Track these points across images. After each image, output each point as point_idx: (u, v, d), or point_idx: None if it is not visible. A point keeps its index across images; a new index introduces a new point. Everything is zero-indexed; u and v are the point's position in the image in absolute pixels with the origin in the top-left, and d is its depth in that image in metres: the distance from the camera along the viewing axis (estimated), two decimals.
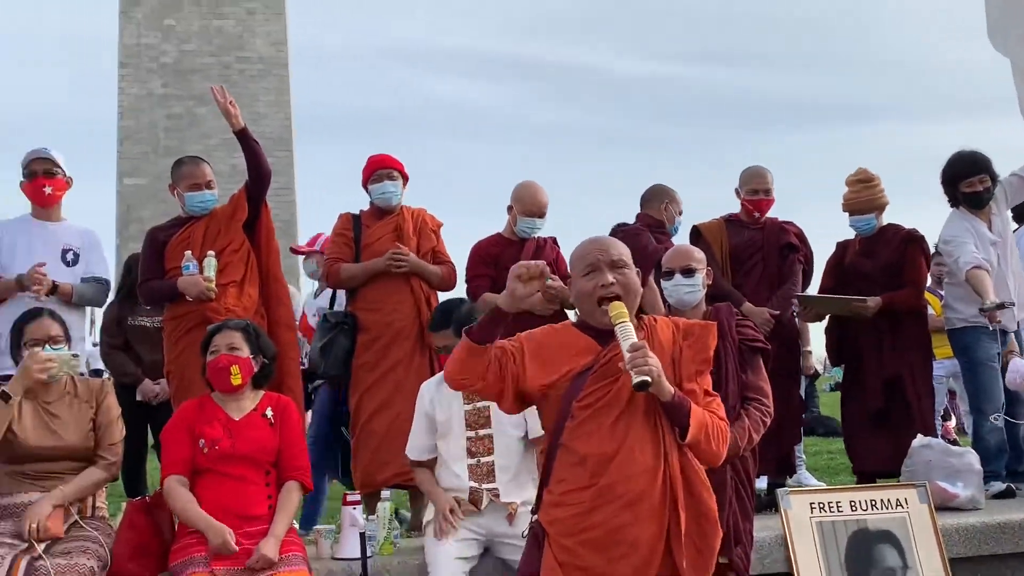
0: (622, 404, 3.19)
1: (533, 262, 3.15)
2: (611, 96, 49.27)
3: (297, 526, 4.60)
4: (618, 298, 3.22)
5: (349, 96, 44.22)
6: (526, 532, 3.45)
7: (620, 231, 6.02)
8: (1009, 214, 6.55)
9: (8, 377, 4.52)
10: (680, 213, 6.28)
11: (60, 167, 5.28)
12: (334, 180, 34.42)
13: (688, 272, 4.56)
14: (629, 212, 6.36)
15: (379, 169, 5.82)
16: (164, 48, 23.31)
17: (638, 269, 3.38)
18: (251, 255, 5.52)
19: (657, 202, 6.23)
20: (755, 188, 6.15)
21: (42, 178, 5.25)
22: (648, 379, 3.03)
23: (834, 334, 6.32)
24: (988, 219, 6.18)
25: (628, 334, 3.12)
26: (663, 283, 4.64)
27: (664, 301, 4.80)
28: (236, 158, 5.70)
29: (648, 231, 6.02)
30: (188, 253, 5.31)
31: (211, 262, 5.28)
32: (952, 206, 6.24)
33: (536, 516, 3.34)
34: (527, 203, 5.86)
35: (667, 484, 3.17)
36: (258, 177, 5.52)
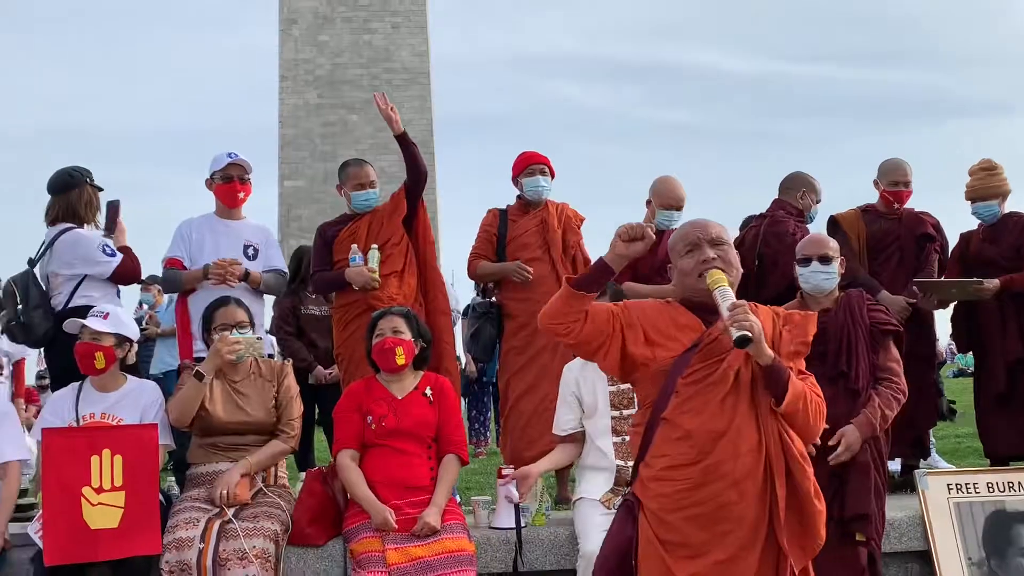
0: (729, 383, 3.04)
1: (637, 223, 3.05)
2: (723, 94, 48.37)
3: (458, 497, 4.66)
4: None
5: (481, 101, 44.56)
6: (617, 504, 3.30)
7: (766, 217, 5.92)
8: None
9: (201, 359, 4.70)
10: (818, 202, 6.09)
11: (250, 173, 5.46)
12: (471, 178, 34.66)
13: (825, 260, 4.45)
14: (750, 205, 6.23)
15: (532, 164, 5.82)
16: (319, 61, 23.91)
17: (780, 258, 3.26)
18: (409, 248, 5.62)
19: (796, 190, 6.06)
20: (896, 180, 5.95)
21: (237, 183, 5.41)
22: (749, 334, 2.89)
23: (961, 321, 6.07)
24: None
25: (728, 296, 2.99)
26: (799, 269, 4.52)
27: (797, 288, 4.67)
28: (384, 161, 5.86)
29: (792, 219, 5.89)
30: (354, 247, 5.44)
31: (374, 254, 5.40)
32: None
33: (630, 489, 3.19)
34: (666, 196, 5.78)
35: (769, 462, 3.02)
36: (416, 176, 5.61)
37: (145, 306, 9.85)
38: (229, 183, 5.39)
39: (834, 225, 5.97)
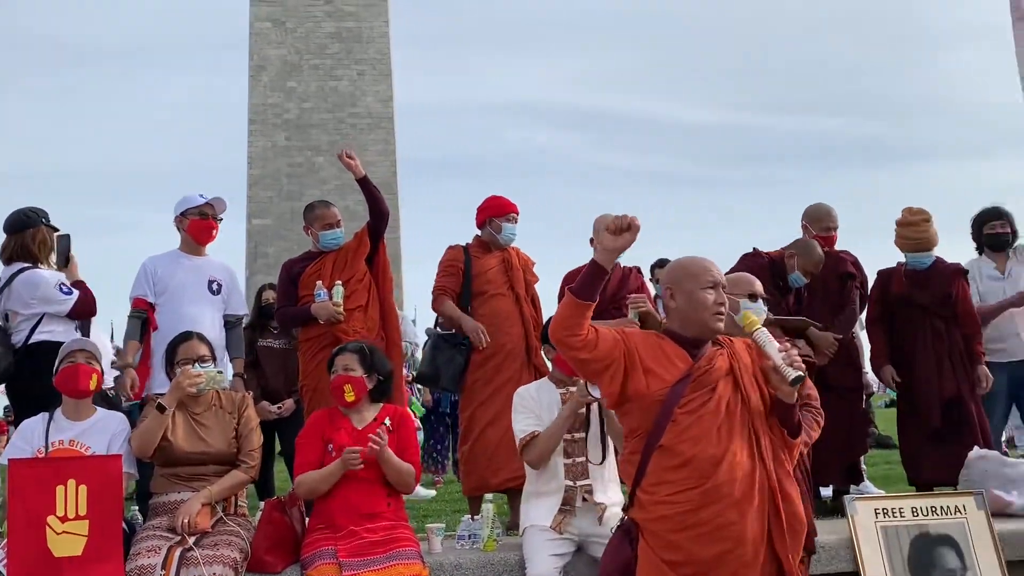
0: (722, 413, 3.14)
1: (623, 215, 3.03)
2: (677, 142, 49.13)
3: (413, 524, 4.65)
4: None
5: (444, 144, 44.87)
6: (614, 528, 3.36)
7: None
8: None
9: (161, 395, 4.67)
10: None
11: (222, 214, 5.50)
12: (433, 217, 34.78)
13: (754, 297, 4.50)
14: (697, 246, 6.34)
15: (510, 212, 5.87)
16: (287, 106, 23.90)
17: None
18: (372, 284, 5.66)
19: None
20: (828, 225, 6.12)
21: (212, 221, 5.45)
22: (803, 374, 3.00)
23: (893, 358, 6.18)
24: (1003, 261, 6.30)
25: (769, 338, 3.08)
26: (744, 304, 4.49)
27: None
28: (349, 200, 5.95)
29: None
30: (319, 283, 5.50)
31: (339, 290, 5.47)
32: (978, 252, 6.38)
33: (627, 515, 3.25)
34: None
35: (764, 486, 3.13)
36: (378, 216, 5.68)
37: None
38: (205, 220, 5.43)
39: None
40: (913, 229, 6.06)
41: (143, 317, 5.38)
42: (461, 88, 45.41)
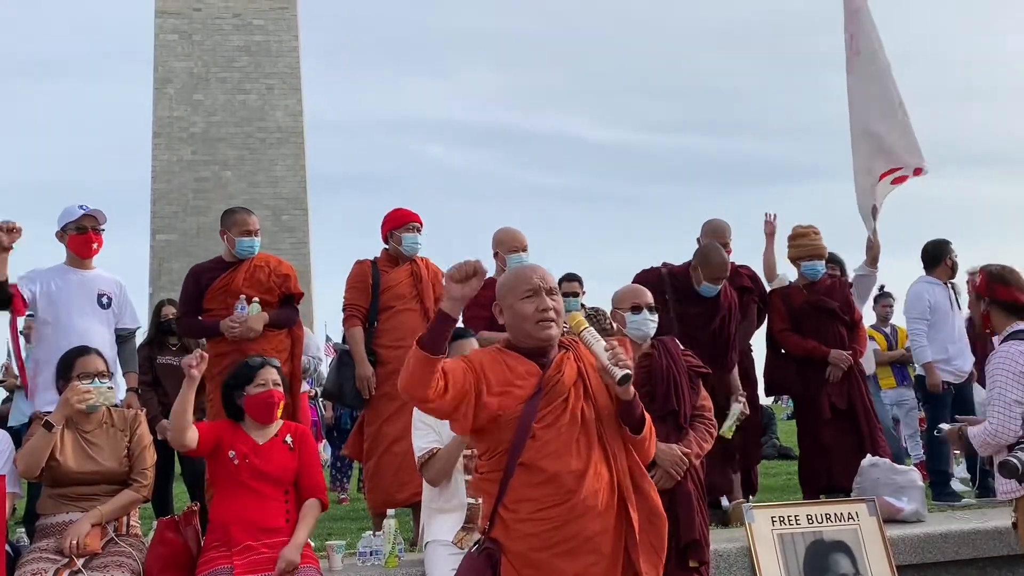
0: (579, 423, 3.05)
1: (466, 260, 2.89)
2: (583, 160, 49.76)
3: (312, 543, 4.55)
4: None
5: (354, 160, 44.50)
6: (474, 549, 3.17)
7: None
8: None
9: (50, 412, 4.49)
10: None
11: (103, 224, 5.31)
12: (343, 232, 34.45)
13: (651, 308, 4.53)
14: (612, 263, 6.43)
15: (409, 221, 5.84)
16: (193, 119, 23.38)
17: None
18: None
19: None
20: (721, 240, 6.21)
21: (92, 233, 5.26)
22: (630, 372, 2.94)
23: (777, 370, 6.34)
24: None
25: (597, 337, 3.00)
26: (630, 316, 4.47)
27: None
28: (256, 216, 5.78)
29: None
30: (242, 297, 5.43)
31: (256, 307, 5.38)
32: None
33: (486, 536, 3.09)
34: (509, 243, 5.92)
35: (618, 490, 3.06)
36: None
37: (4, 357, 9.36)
38: (83, 234, 5.24)
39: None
40: (806, 239, 6.30)
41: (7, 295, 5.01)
42: (372, 103, 45.11)
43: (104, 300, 5.28)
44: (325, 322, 18.84)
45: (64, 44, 44.66)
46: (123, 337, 5.45)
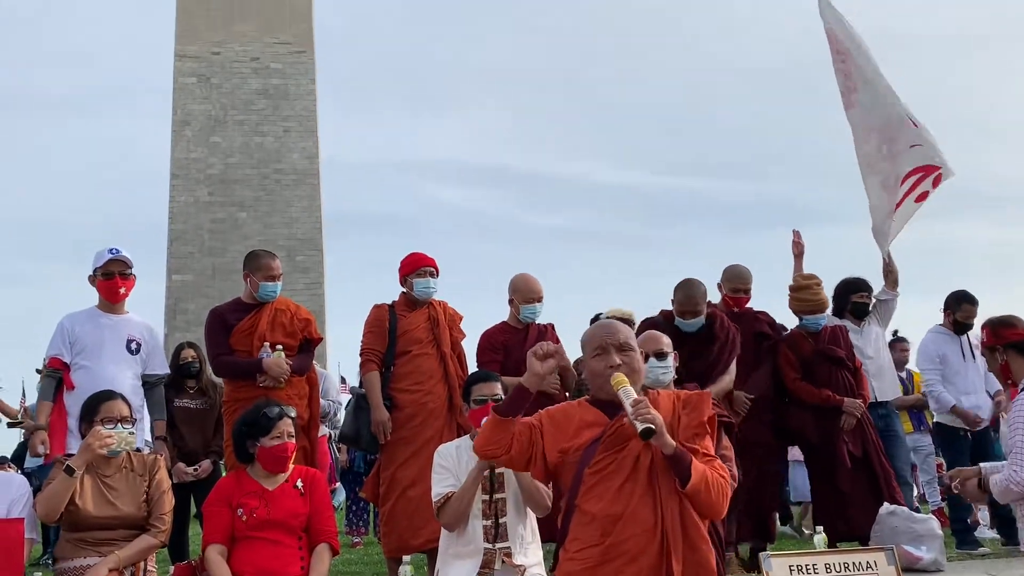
0: (627, 469, 3.21)
1: (548, 342, 3.31)
2: (597, 201, 49.93)
3: None
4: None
5: (368, 200, 44.89)
6: None
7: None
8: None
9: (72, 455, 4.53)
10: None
11: (132, 268, 5.39)
12: (358, 272, 34.63)
13: (661, 355, 4.58)
14: (613, 302, 6.46)
15: (423, 266, 5.90)
16: (211, 161, 23.66)
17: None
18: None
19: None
20: (737, 287, 6.24)
21: (119, 279, 5.34)
22: (652, 427, 3.06)
23: (793, 419, 6.31)
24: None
25: (630, 394, 3.18)
26: None
27: None
28: (279, 261, 5.87)
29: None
30: (266, 344, 5.50)
31: (280, 354, 5.43)
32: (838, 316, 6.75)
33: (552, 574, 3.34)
34: (525, 292, 5.95)
35: (664, 538, 3.16)
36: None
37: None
38: (110, 279, 5.31)
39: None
40: (808, 292, 6.31)
41: (58, 377, 5.24)
42: (385, 144, 45.53)
43: (133, 346, 5.35)
44: (339, 362, 18.93)
45: (83, 82, 45.29)
46: (150, 383, 5.49)
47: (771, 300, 6.76)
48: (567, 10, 47.09)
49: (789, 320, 6.54)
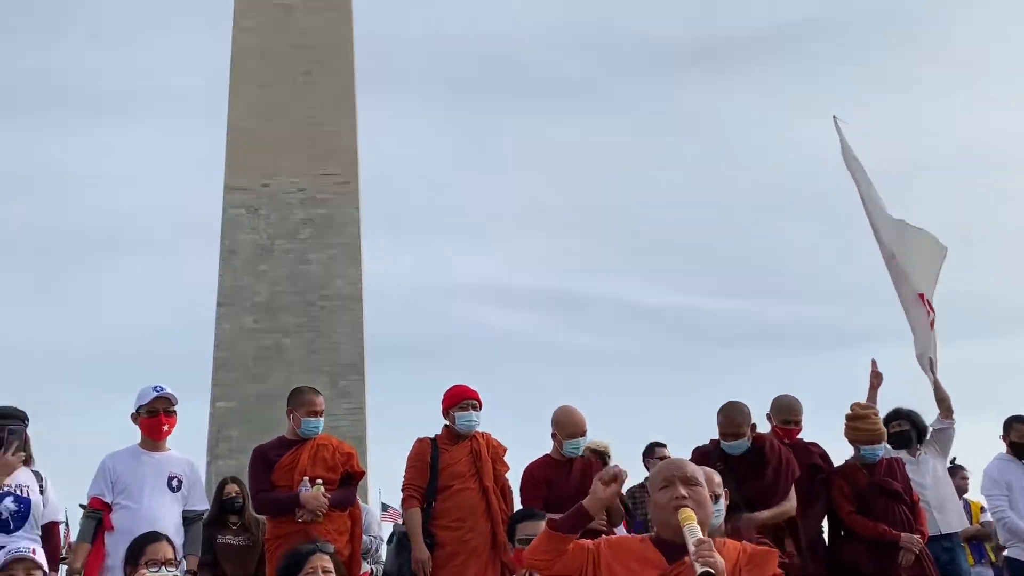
0: None
1: (616, 465, 3.52)
2: (638, 324, 49.77)
3: None
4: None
5: (409, 325, 45.23)
6: None
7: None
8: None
9: None
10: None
11: (176, 405, 5.46)
12: (399, 398, 34.65)
13: (714, 498, 4.48)
14: (656, 428, 6.40)
15: (465, 399, 5.93)
16: (257, 289, 24.07)
17: None
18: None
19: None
20: (787, 419, 6.19)
21: (163, 416, 5.42)
22: (711, 571, 2.98)
23: (848, 552, 6.12)
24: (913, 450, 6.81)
25: (695, 532, 3.11)
26: None
27: None
28: (315, 384, 5.94)
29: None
30: (305, 479, 5.50)
31: (320, 488, 5.45)
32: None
33: None
34: (568, 427, 5.93)
35: None
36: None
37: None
38: (154, 417, 5.39)
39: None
40: (865, 422, 6.22)
41: (98, 518, 5.27)
42: (428, 270, 46.16)
43: (174, 483, 5.38)
44: (380, 489, 18.73)
45: (134, 218, 46.72)
46: (189, 519, 5.50)
47: (828, 432, 6.69)
48: (600, 149, 47.97)
49: (838, 448, 6.43)
